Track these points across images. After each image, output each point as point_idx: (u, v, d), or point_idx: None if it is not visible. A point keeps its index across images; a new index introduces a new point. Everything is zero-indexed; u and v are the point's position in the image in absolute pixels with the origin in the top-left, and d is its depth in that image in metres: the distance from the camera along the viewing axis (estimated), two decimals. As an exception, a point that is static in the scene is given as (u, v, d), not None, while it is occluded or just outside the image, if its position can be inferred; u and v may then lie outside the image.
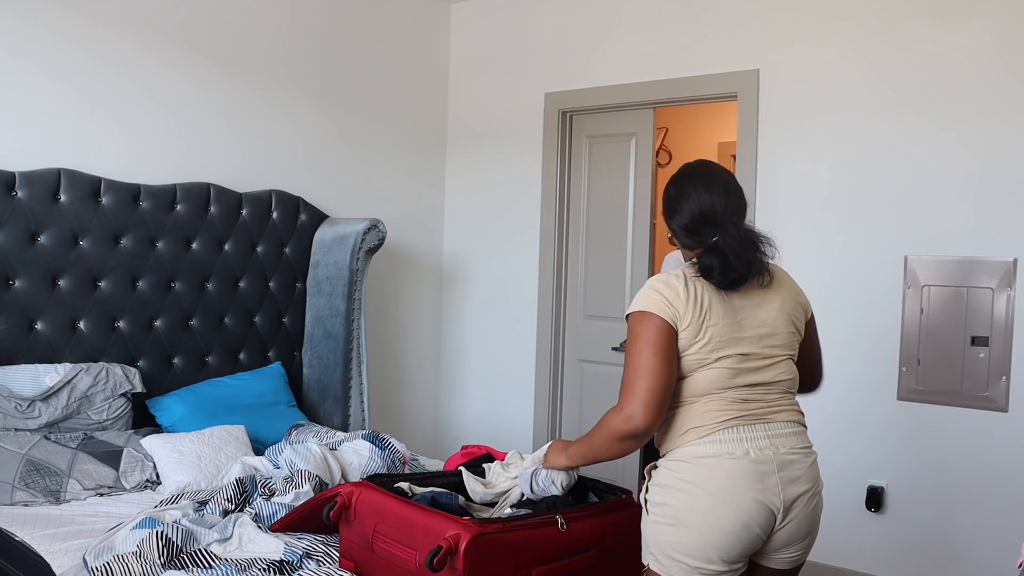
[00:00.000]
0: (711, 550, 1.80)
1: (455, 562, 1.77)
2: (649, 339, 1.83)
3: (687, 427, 1.87)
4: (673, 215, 1.99)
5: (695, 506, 1.81)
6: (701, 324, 1.85)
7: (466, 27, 4.72)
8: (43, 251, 3.00)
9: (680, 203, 1.98)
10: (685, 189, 1.99)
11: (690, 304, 1.85)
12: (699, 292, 1.87)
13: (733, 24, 3.78)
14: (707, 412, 1.86)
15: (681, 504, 1.82)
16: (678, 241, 2.01)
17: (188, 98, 3.51)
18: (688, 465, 1.84)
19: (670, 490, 1.84)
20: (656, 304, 1.85)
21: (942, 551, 3.31)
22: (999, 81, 3.19)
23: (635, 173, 4.19)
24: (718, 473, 1.82)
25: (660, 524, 1.84)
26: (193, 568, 2.09)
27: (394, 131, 4.48)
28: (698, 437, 1.85)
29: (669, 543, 1.82)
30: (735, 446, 1.84)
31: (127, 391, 3.07)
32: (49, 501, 2.63)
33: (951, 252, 3.29)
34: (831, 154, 3.55)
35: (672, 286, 1.87)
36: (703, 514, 1.80)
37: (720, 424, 1.86)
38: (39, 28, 3.05)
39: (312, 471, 2.62)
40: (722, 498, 1.81)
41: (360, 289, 3.72)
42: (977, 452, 3.23)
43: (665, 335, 1.83)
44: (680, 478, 1.84)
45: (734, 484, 1.82)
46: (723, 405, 1.87)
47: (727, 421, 1.86)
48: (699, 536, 1.80)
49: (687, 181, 2.00)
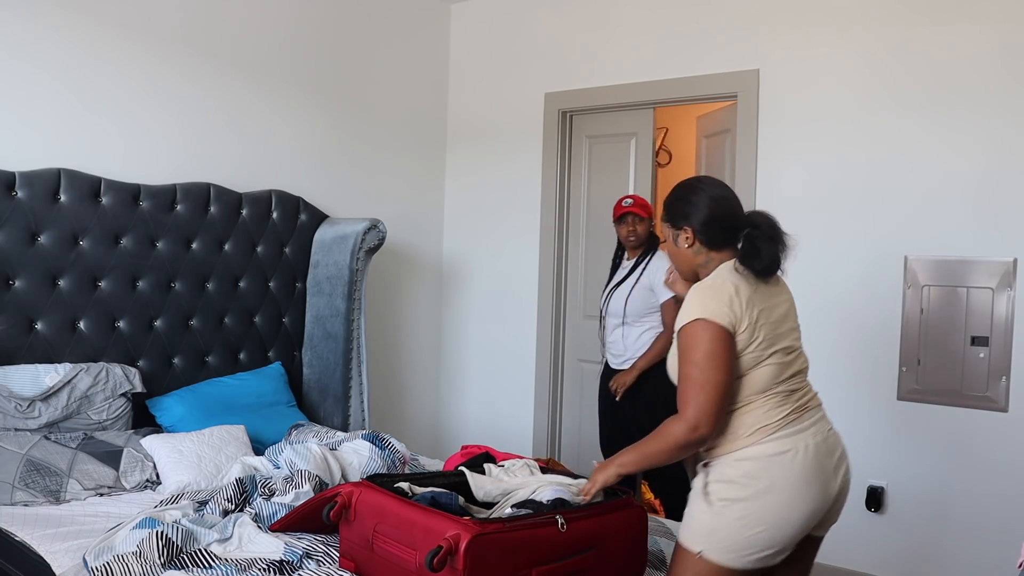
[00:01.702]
0: (779, 541, 1.91)
1: (455, 562, 1.77)
2: (709, 348, 1.89)
3: (754, 426, 1.94)
4: (692, 214, 2.04)
5: (770, 504, 1.90)
6: (755, 324, 1.94)
7: (466, 27, 4.72)
8: (43, 251, 3.00)
9: (699, 200, 2.05)
10: (698, 187, 2.09)
11: (743, 306, 1.93)
12: (744, 292, 1.95)
13: (733, 24, 3.78)
14: (770, 410, 1.95)
15: (755, 502, 1.90)
16: (701, 240, 2.05)
17: (188, 98, 3.51)
18: (760, 464, 1.92)
19: (741, 487, 1.91)
20: (713, 310, 1.91)
21: (942, 551, 3.31)
22: (998, 81, 3.19)
23: (635, 173, 4.19)
24: (791, 471, 1.92)
25: (729, 519, 1.90)
26: (193, 568, 2.09)
27: (394, 131, 4.48)
28: (766, 435, 1.94)
29: (737, 538, 1.90)
30: (799, 441, 1.95)
31: (127, 391, 3.07)
32: (49, 501, 2.63)
33: (951, 252, 3.29)
34: (831, 154, 3.55)
35: (723, 290, 1.94)
36: (778, 511, 1.90)
37: (784, 421, 1.96)
38: (39, 29, 3.05)
39: (312, 471, 2.61)
40: (794, 495, 1.91)
41: (360, 289, 3.72)
42: (977, 452, 3.23)
43: (725, 342, 1.90)
44: (752, 476, 1.91)
45: (806, 479, 1.93)
46: (781, 400, 1.97)
47: (788, 416, 1.97)
48: (770, 531, 1.90)
49: (698, 183, 2.11)
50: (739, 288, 1.94)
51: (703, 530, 1.93)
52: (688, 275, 2.12)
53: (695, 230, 2.04)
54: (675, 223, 2.08)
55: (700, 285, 1.98)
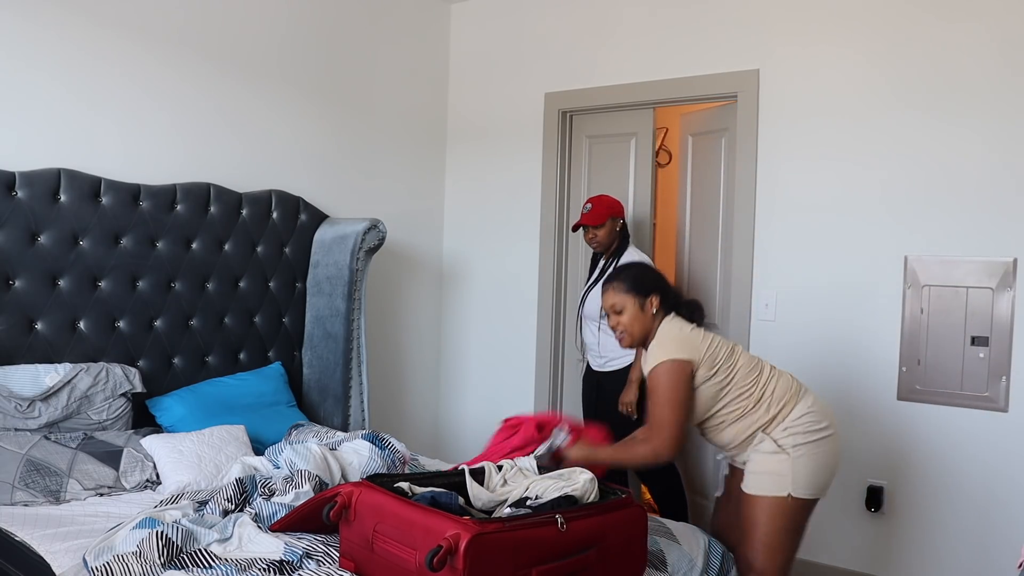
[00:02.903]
0: (837, 466, 2.58)
1: (455, 562, 1.77)
2: (682, 384, 2.48)
3: (785, 395, 2.51)
4: (658, 284, 2.63)
5: (832, 438, 2.52)
6: (715, 344, 2.54)
7: (466, 27, 4.72)
8: (43, 251, 3.00)
9: (657, 273, 2.75)
10: (651, 264, 3.03)
11: (709, 341, 2.55)
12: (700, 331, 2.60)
13: (733, 24, 3.78)
14: (783, 378, 2.55)
15: (823, 441, 2.49)
16: (663, 306, 2.59)
17: (188, 98, 3.51)
18: (814, 412, 2.50)
19: (809, 434, 2.47)
20: (689, 351, 2.50)
21: (942, 551, 3.31)
22: (1000, 80, 3.19)
23: (635, 173, 4.19)
24: (828, 410, 2.56)
25: (807, 460, 2.45)
26: (193, 568, 2.09)
27: (394, 131, 4.48)
28: (799, 394, 2.53)
29: (818, 473, 2.47)
30: (810, 390, 2.60)
31: (127, 391, 3.06)
32: (49, 501, 2.63)
33: (951, 252, 3.29)
34: (831, 154, 3.55)
35: (694, 334, 2.56)
36: (836, 442, 2.54)
37: (796, 382, 2.58)
38: (39, 29, 3.05)
39: (312, 471, 2.61)
40: (835, 428, 2.56)
41: (360, 289, 3.72)
42: (977, 452, 3.23)
43: (689, 379, 2.49)
44: (815, 422, 2.49)
45: (833, 416, 2.58)
46: (779, 373, 2.58)
47: (794, 378, 2.59)
48: (836, 459, 2.55)
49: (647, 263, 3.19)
50: (689, 330, 2.55)
51: (787, 476, 2.43)
52: (641, 340, 2.59)
53: (661, 296, 2.58)
54: (644, 292, 2.57)
55: (673, 334, 2.52)
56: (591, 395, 3.83)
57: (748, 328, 3.75)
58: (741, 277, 3.77)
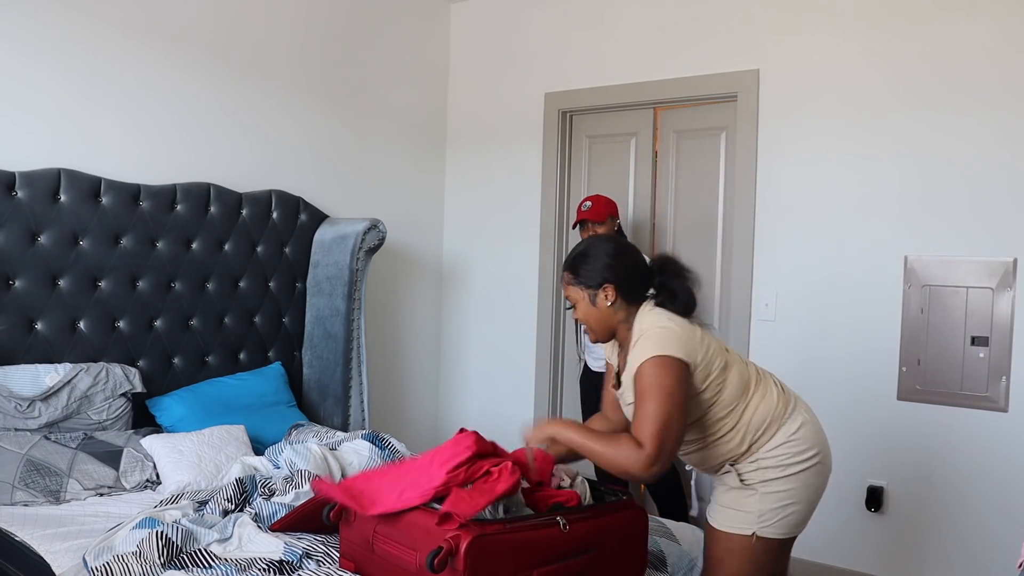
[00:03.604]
0: (815, 505, 2.18)
1: (456, 563, 1.77)
2: (675, 384, 1.99)
3: (765, 420, 2.10)
4: (610, 271, 2.13)
5: (813, 471, 2.12)
6: (708, 348, 2.08)
7: (466, 27, 4.72)
8: (43, 251, 3.00)
9: (612, 257, 2.15)
10: (604, 245, 2.19)
11: (699, 339, 2.08)
12: (689, 327, 2.10)
13: (733, 24, 3.78)
14: (768, 400, 2.12)
15: (798, 475, 2.10)
16: (622, 296, 2.12)
17: (188, 98, 3.51)
18: (792, 444, 2.10)
19: (782, 468, 2.09)
20: (674, 348, 2.01)
21: (942, 551, 3.31)
22: (1000, 80, 3.19)
23: (635, 173, 4.19)
24: (816, 435, 2.16)
25: (776, 497, 2.09)
26: (193, 568, 2.09)
27: (394, 131, 4.48)
28: (781, 422, 2.12)
29: (785, 512, 2.10)
30: (803, 413, 2.17)
31: (127, 391, 3.06)
32: (49, 501, 2.63)
33: (951, 252, 3.29)
34: (831, 154, 3.55)
35: (680, 329, 2.06)
36: (815, 476, 2.14)
37: (784, 402, 2.15)
38: (39, 28, 3.04)
39: (312, 471, 2.61)
40: (824, 457, 2.17)
41: (360, 289, 3.72)
42: (977, 452, 3.23)
43: (686, 378, 2.02)
44: (791, 455, 2.09)
45: (824, 442, 2.19)
46: (766, 390, 2.14)
47: (782, 397, 2.16)
48: (813, 498, 2.15)
49: (601, 242, 2.22)
50: (682, 324, 2.07)
51: (753, 513, 2.09)
52: (605, 335, 2.17)
53: (617, 286, 2.12)
54: (592, 284, 2.13)
55: (656, 328, 2.04)
56: (592, 397, 3.81)
57: (748, 328, 3.75)
58: (741, 277, 3.77)
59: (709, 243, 3.96)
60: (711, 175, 3.95)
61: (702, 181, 3.98)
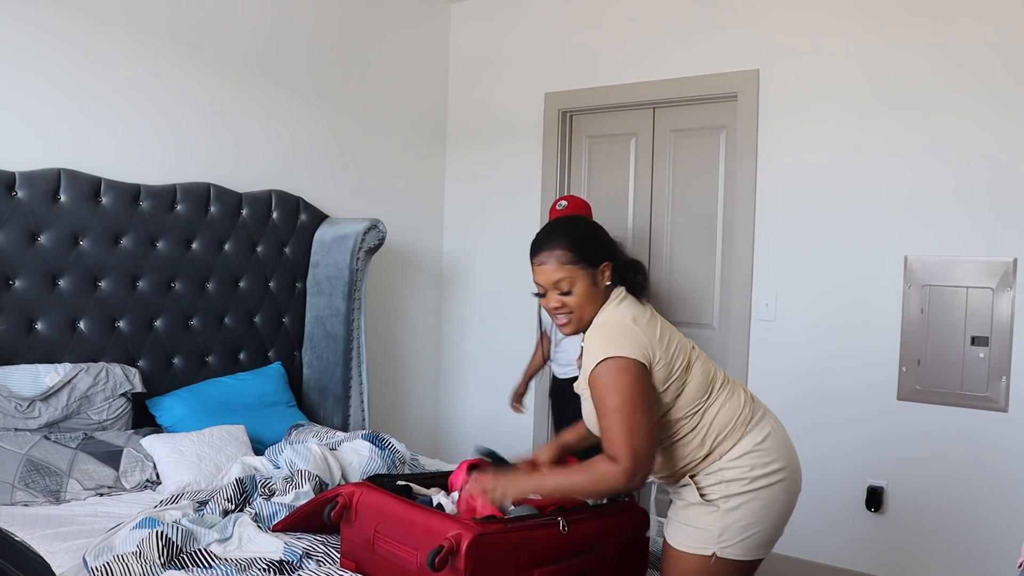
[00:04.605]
0: (782, 525, 2.00)
1: (456, 562, 1.77)
2: (637, 387, 1.84)
3: (728, 424, 1.94)
4: (610, 249, 2.00)
5: (777, 488, 1.94)
6: (669, 343, 1.94)
7: (466, 27, 4.72)
8: (43, 251, 3.00)
9: (606, 236, 2.03)
10: (595, 223, 2.08)
11: (655, 336, 1.93)
12: (654, 320, 1.97)
13: (733, 24, 3.78)
14: (732, 405, 1.96)
15: (762, 490, 1.92)
16: (615, 277, 2.00)
17: (188, 98, 3.51)
18: (756, 454, 1.93)
19: (745, 482, 1.92)
20: (639, 346, 1.87)
21: (942, 551, 3.31)
22: (999, 79, 3.19)
23: (635, 173, 4.19)
24: (783, 448, 1.98)
25: (739, 514, 1.91)
26: (193, 568, 2.09)
27: (394, 131, 4.48)
28: (746, 428, 1.95)
29: (747, 531, 1.92)
30: (770, 422, 2.00)
31: (127, 391, 3.06)
32: (49, 501, 2.63)
33: (951, 252, 3.29)
34: (831, 154, 3.55)
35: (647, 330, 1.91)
36: (781, 493, 1.95)
37: (749, 409, 1.98)
38: (39, 28, 3.04)
39: (312, 471, 2.61)
40: (791, 473, 1.98)
41: (360, 289, 3.72)
42: (977, 452, 3.23)
43: (646, 379, 1.87)
44: (753, 467, 1.92)
45: (793, 455, 2.01)
46: (730, 393, 1.99)
47: (748, 404, 1.99)
48: (777, 516, 1.96)
49: (588, 219, 2.13)
50: (645, 322, 1.93)
51: (714, 531, 1.91)
52: (589, 322, 1.97)
53: (613, 266, 1.98)
54: (594, 261, 1.96)
55: (615, 324, 1.90)
56: (561, 407, 3.54)
57: (748, 328, 3.75)
58: (741, 277, 3.77)
59: (709, 243, 3.96)
60: (711, 175, 3.95)
61: (702, 181, 3.98)
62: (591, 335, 1.92)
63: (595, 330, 1.92)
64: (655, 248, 4.11)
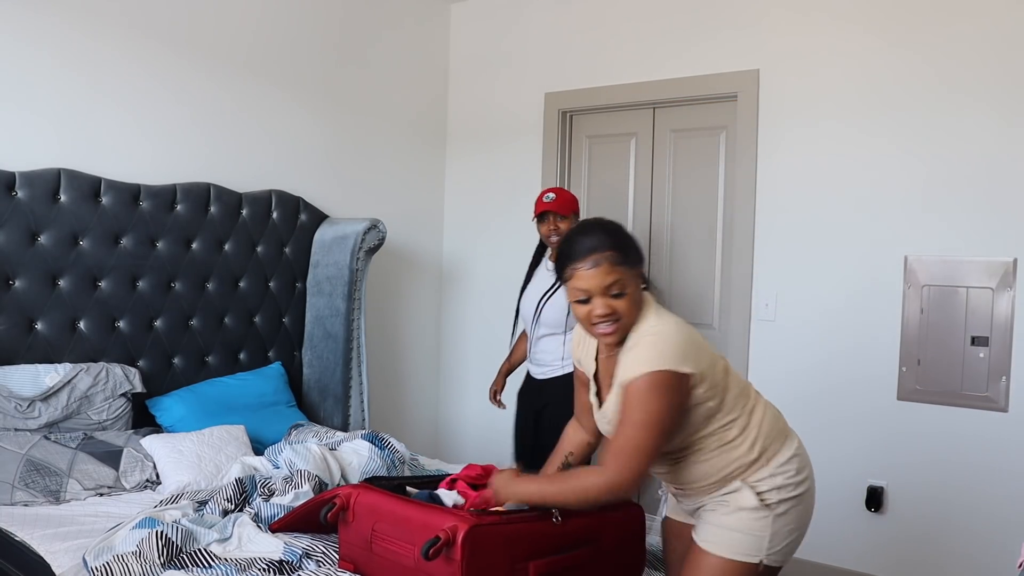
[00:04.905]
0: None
1: (452, 553, 1.78)
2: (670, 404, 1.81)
3: (770, 434, 1.94)
4: (641, 251, 1.95)
5: (812, 491, 1.99)
6: (713, 354, 1.94)
7: (466, 27, 4.72)
8: (43, 251, 3.00)
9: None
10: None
11: (708, 350, 1.93)
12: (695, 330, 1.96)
13: (733, 24, 3.78)
14: (768, 414, 1.97)
15: (807, 495, 1.96)
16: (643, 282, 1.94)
17: (188, 98, 3.51)
18: (799, 459, 1.96)
19: (794, 487, 1.92)
20: (689, 360, 1.83)
21: (942, 551, 3.31)
22: (999, 79, 3.19)
23: (635, 173, 4.19)
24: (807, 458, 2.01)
25: (786, 520, 1.91)
26: (193, 568, 2.09)
27: (394, 131, 4.48)
28: (785, 435, 1.98)
29: (791, 536, 1.93)
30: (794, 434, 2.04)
31: (127, 391, 3.07)
32: (49, 501, 2.63)
33: (951, 252, 3.29)
34: (831, 154, 3.55)
35: (691, 334, 1.89)
36: (813, 495, 2.00)
37: (781, 417, 2.02)
38: (39, 28, 3.05)
39: (312, 471, 2.61)
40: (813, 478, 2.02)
41: (360, 289, 3.72)
42: (977, 452, 3.23)
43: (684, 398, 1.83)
44: (799, 471, 1.94)
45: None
46: (765, 404, 2.00)
47: (778, 414, 2.03)
48: (809, 514, 1.99)
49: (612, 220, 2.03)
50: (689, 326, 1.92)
51: (765, 538, 1.88)
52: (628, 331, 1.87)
53: (642, 270, 1.92)
54: (636, 264, 1.88)
55: (676, 332, 1.83)
56: (529, 409, 3.47)
57: (748, 328, 3.75)
58: (741, 277, 3.77)
59: (709, 243, 3.96)
60: (711, 175, 3.95)
61: (702, 181, 3.98)
62: (644, 343, 1.81)
63: (650, 340, 1.81)
64: (655, 248, 4.11)
